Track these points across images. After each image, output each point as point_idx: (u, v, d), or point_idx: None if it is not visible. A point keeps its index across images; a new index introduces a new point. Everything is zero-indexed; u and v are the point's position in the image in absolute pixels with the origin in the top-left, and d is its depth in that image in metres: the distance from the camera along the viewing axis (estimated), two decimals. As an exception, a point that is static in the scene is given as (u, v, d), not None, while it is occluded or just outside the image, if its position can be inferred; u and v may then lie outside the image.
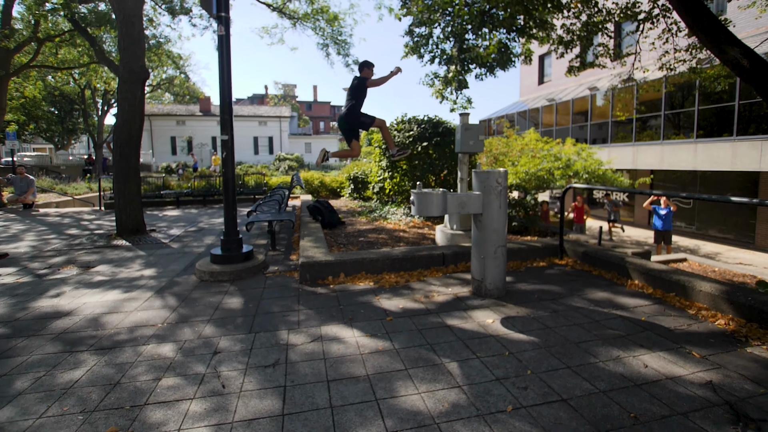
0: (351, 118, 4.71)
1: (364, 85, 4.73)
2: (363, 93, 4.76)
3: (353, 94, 4.73)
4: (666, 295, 3.20)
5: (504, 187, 3.19)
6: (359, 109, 4.73)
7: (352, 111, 4.68)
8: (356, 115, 4.71)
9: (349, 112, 4.69)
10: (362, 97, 4.79)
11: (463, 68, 7.66)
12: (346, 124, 4.80)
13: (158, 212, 9.43)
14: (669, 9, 7.79)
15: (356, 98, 4.72)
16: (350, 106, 4.69)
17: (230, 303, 3.28)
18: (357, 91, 4.72)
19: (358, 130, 4.87)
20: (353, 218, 7.53)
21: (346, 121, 4.75)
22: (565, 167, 12.60)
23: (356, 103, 4.71)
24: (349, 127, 4.82)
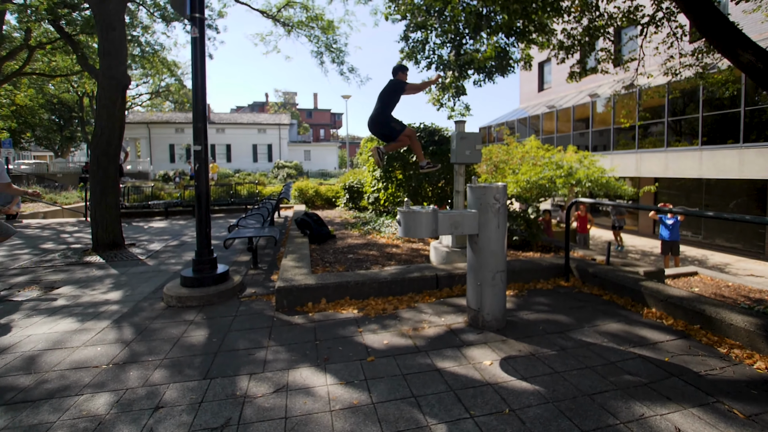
0: (380, 123, 4.44)
1: (400, 90, 4.46)
2: (396, 97, 4.50)
3: (385, 98, 4.45)
4: (690, 328, 2.80)
5: (503, 204, 2.81)
6: (390, 114, 4.47)
7: (382, 115, 4.42)
8: (386, 120, 4.43)
9: (379, 115, 4.42)
10: (394, 101, 4.52)
11: (461, 74, 7.32)
12: (374, 128, 4.53)
13: (144, 224, 9.06)
14: (673, 12, 7.48)
15: (388, 102, 4.44)
16: (380, 109, 4.42)
17: (192, 336, 2.89)
18: (390, 94, 4.45)
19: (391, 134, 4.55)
20: (345, 231, 7.15)
21: (375, 124, 4.48)
22: (567, 175, 12.25)
23: (387, 107, 4.44)
24: (379, 132, 4.57)
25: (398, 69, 4.57)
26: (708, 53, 7.49)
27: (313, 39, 11.14)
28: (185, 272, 3.86)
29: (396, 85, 4.47)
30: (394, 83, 4.48)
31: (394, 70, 4.58)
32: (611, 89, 17.17)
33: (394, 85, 4.47)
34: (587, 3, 7.56)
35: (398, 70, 4.56)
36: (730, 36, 4.70)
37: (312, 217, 6.14)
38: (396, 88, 4.46)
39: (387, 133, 4.54)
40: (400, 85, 4.48)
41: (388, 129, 4.47)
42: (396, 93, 4.48)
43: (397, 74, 4.55)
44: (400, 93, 4.52)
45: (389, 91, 4.47)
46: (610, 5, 7.62)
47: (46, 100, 24.79)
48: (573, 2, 7.70)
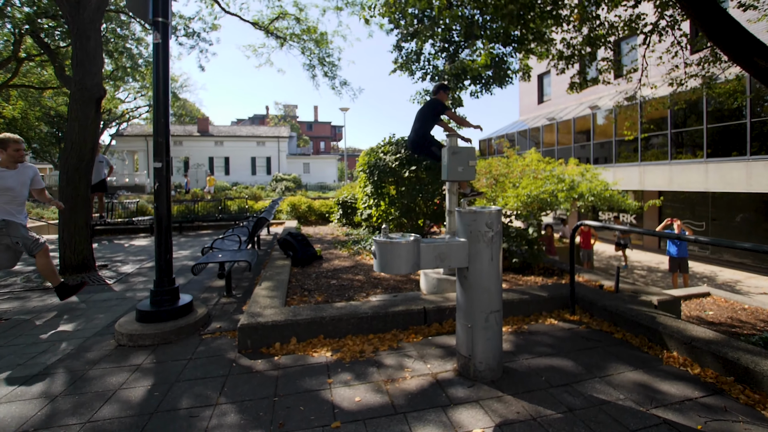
0: (420, 146, 4.31)
1: (439, 110, 4.28)
2: (436, 118, 4.31)
3: (424, 118, 4.28)
4: (722, 380, 2.35)
5: (497, 231, 2.39)
6: (430, 136, 4.30)
7: (422, 138, 4.28)
8: (426, 143, 4.28)
9: (419, 138, 4.28)
10: (433, 122, 4.33)
11: (456, 84, 6.98)
12: (414, 150, 4.44)
13: (126, 241, 8.65)
14: (677, 21, 7.17)
15: (426, 123, 4.26)
16: (419, 131, 4.25)
17: (132, 389, 2.44)
18: (429, 115, 4.27)
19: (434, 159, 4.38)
20: (334, 251, 6.72)
21: (415, 147, 4.37)
22: (570, 189, 11.83)
23: (426, 128, 4.27)
24: (420, 153, 4.47)
25: (439, 88, 4.38)
26: (714, 62, 7.15)
27: (306, 51, 10.89)
28: (142, 305, 3.43)
29: (435, 105, 4.27)
30: (434, 103, 4.28)
31: (434, 89, 4.40)
32: (612, 101, 16.87)
33: (434, 105, 4.27)
34: (587, 11, 7.26)
35: (439, 89, 4.38)
36: (745, 44, 4.34)
37: (297, 237, 5.72)
38: (435, 109, 4.26)
39: (427, 156, 4.40)
40: (439, 105, 4.28)
41: (429, 153, 4.30)
42: (435, 113, 4.29)
43: (438, 93, 4.37)
44: (440, 113, 4.31)
45: (428, 111, 4.29)
46: (611, 14, 7.33)
47: (43, 113, 24.62)
48: (572, 11, 7.41)
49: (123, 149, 32.08)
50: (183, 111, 28.70)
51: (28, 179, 4.05)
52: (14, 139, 3.93)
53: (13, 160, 3.91)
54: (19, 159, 3.95)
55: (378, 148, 7.23)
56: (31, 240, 3.82)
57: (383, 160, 6.77)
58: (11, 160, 3.90)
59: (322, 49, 10.62)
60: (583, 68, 8.09)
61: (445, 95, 4.42)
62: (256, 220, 5.10)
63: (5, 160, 3.88)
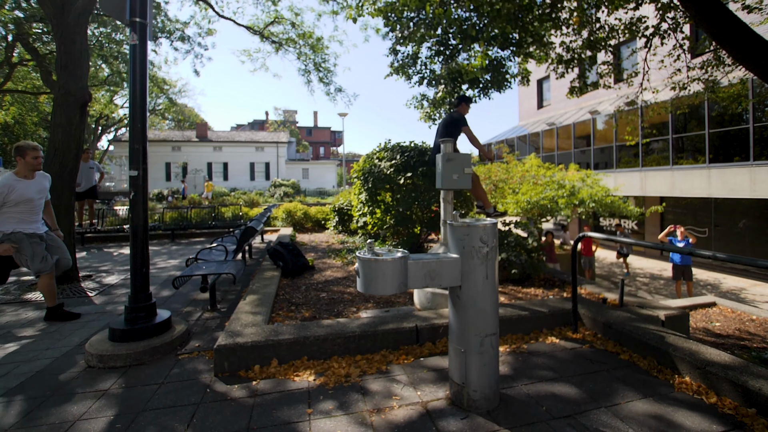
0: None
1: (460, 124, 4.16)
2: (457, 132, 4.19)
3: (446, 132, 4.14)
4: (742, 412, 2.12)
5: (493, 246, 2.19)
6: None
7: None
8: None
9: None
10: (455, 135, 4.19)
11: (453, 88, 6.80)
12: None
13: (116, 249, 8.44)
14: (679, 23, 7.00)
15: (448, 137, 4.09)
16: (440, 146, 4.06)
17: (91, 422, 2.22)
18: (451, 128, 4.15)
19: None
20: (327, 260, 6.51)
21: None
22: (570, 195, 11.65)
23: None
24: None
25: (461, 99, 4.28)
26: (718, 66, 6.97)
27: (302, 57, 10.74)
28: (115, 322, 3.21)
29: (456, 118, 4.15)
30: (456, 117, 4.17)
31: (456, 101, 4.30)
32: (612, 105, 16.74)
33: (455, 118, 4.16)
34: (586, 14, 7.11)
35: (461, 101, 4.27)
36: (753, 43, 4.16)
37: (287, 246, 5.51)
38: (456, 122, 4.14)
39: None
40: (460, 119, 4.17)
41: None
42: (456, 127, 4.16)
43: (460, 105, 4.27)
44: (461, 127, 4.19)
45: (448, 125, 4.17)
46: (612, 17, 7.17)
47: (41, 118, 24.51)
48: (571, 14, 7.26)
49: (121, 155, 31.96)
50: (181, 116, 28.59)
51: (46, 188, 3.93)
52: (32, 146, 3.74)
53: (31, 169, 3.74)
54: (37, 167, 3.78)
55: (373, 154, 7.04)
56: (38, 261, 3.67)
57: (378, 166, 6.58)
58: (29, 168, 3.73)
59: (317, 54, 10.49)
60: (582, 72, 7.92)
61: (466, 107, 4.34)
62: (243, 231, 4.89)
63: (23, 168, 3.71)
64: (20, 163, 3.70)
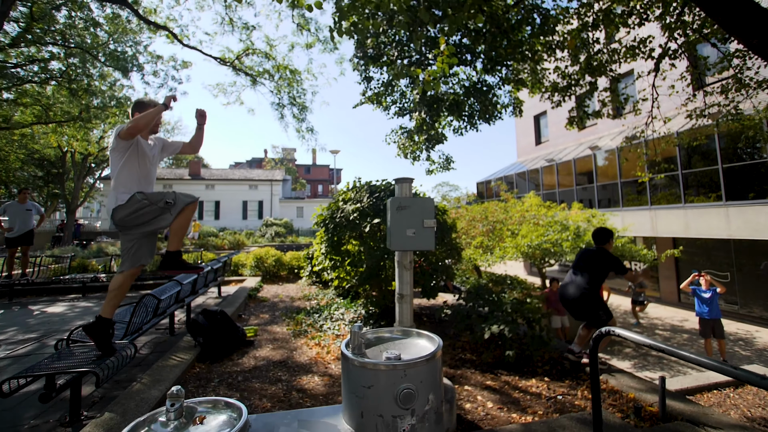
0: (584, 303, 3.58)
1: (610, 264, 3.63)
2: (605, 273, 3.63)
3: (596, 270, 3.62)
4: None
5: (429, 410, 0.94)
6: (599, 294, 3.57)
7: (592, 294, 3.56)
8: (595, 302, 3.57)
9: (588, 293, 3.55)
10: (604, 276, 3.63)
11: (431, 115, 5.79)
12: (573, 304, 3.67)
13: (43, 306, 7.15)
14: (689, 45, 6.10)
15: (599, 277, 3.59)
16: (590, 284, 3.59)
17: None
18: (603, 267, 3.63)
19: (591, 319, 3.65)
20: (276, 327, 5.21)
21: (577, 302, 3.62)
22: (575, 237, 10.43)
23: (597, 283, 3.59)
24: (577, 311, 3.70)
25: (609, 235, 3.80)
26: (740, 89, 5.97)
27: (277, 90, 9.96)
28: None
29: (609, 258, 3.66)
30: (608, 256, 3.66)
31: (602, 236, 3.83)
32: (613, 140, 15.89)
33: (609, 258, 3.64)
34: (581, 35, 6.23)
35: (609, 236, 3.79)
36: None
37: (213, 316, 4.24)
38: (610, 264, 3.63)
39: (586, 316, 3.63)
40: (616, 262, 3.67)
41: (591, 314, 3.56)
42: (608, 268, 3.63)
43: (608, 241, 3.80)
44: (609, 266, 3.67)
45: (602, 263, 3.63)
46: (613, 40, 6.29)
47: (27, 155, 23.88)
48: (564, 38, 6.38)
49: (110, 193, 31.24)
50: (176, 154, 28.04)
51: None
52: (153, 103, 2.82)
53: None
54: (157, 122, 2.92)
55: (339, 195, 5.93)
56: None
57: (342, 210, 5.43)
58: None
59: (293, 87, 9.70)
60: (582, 101, 6.96)
61: (611, 243, 3.84)
62: (139, 300, 3.65)
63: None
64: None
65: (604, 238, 3.84)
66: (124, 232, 2.68)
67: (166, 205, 2.60)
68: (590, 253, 3.78)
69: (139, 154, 2.64)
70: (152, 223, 2.63)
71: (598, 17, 5.73)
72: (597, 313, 3.56)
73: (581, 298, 3.56)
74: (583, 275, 3.61)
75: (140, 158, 2.65)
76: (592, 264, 3.65)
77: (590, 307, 3.56)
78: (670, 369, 7.97)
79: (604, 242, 3.82)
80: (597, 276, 3.60)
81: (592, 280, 3.57)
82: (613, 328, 2.01)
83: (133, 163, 2.60)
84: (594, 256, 3.73)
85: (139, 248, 2.70)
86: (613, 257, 3.71)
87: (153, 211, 2.58)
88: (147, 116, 2.47)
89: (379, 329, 1.56)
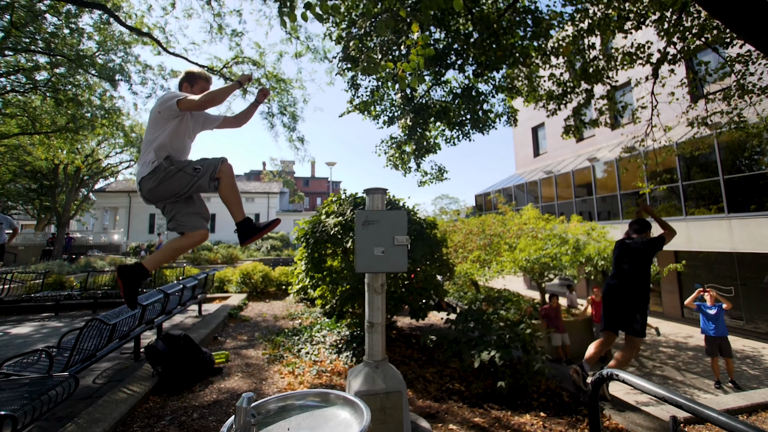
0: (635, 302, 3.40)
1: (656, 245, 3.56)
2: (653, 257, 3.53)
3: (645, 262, 3.50)
4: None
5: None
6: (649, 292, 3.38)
7: (644, 291, 3.44)
8: (646, 302, 3.44)
9: (640, 288, 3.43)
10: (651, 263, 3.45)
11: (418, 122, 5.48)
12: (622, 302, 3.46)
13: (9, 327, 6.73)
14: (689, 51, 5.84)
15: (649, 265, 3.44)
16: (641, 279, 3.46)
17: None
18: (651, 253, 3.52)
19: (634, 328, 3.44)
20: (251, 351, 4.81)
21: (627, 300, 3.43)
22: (575, 251, 10.06)
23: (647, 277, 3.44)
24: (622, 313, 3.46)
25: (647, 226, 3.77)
26: (743, 95, 5.68)
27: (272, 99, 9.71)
28: None
29: (655, 242, 3.57)
30: (652, 240, 3.58)
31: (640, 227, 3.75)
32: (611, 152, 15.64)
33: (654, 242, 3.56)
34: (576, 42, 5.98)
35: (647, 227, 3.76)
36: None
37: (176, 341, 3.84)
38: (656, 246, 3.57)
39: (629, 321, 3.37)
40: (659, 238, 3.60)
41: (638, 317, 3.37)
42: (655, 251, 3.59)
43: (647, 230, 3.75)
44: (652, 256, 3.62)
45: (651, 249, 3.53)
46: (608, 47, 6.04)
47: (19, 167, 23.55)
48: (559, 44, 6.13)
49: (104, 206, 30.93)
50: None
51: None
52: (206, 76, 2.68)
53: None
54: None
55: (322, 208, 5.60)
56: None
57: (323, 223, 5.08)
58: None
59: (283, 96, 9.45)
60: (578, 109, 6.68)
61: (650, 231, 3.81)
62: (85, 325, 3.25)
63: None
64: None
65: (645, 227, 3.83)
66: (158, 206, 2.44)
67: (195, 172, 2.33)
68: (636, 245, 3.63)
69: (181, 126, 2.41)
70: (184, 193, 2.35)
71: (593, 22, 5.48)
72: (644, 317, 3.44)
73: (633, 295, 3.43)
74: (636, 267, 3.51)
75: (181, 130, 2.42)
76: (642, 254, 3.54)
77: (642, 304, 3.43)
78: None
79: (644, 231, 3.80)
80: (649, 266, 3.55)
81: (646, 272, 3.50)
82: (617, 372, 1.65)
83: (171, 134, 2.36)
84: (641, 245, 3.63)
85: (178, 212, 2.42)
86: (653, 238, 3.66)
87: (182, 178, 2.31)
88: (222, 92, 2.27)
89: (288, 395, 1.21)
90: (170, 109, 2.29)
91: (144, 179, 2.30)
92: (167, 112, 2.31)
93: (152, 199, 2.38)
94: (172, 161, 2.33)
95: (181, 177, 2.30)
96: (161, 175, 2.28)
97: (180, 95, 2.30)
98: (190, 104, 2.26)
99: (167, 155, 2.33)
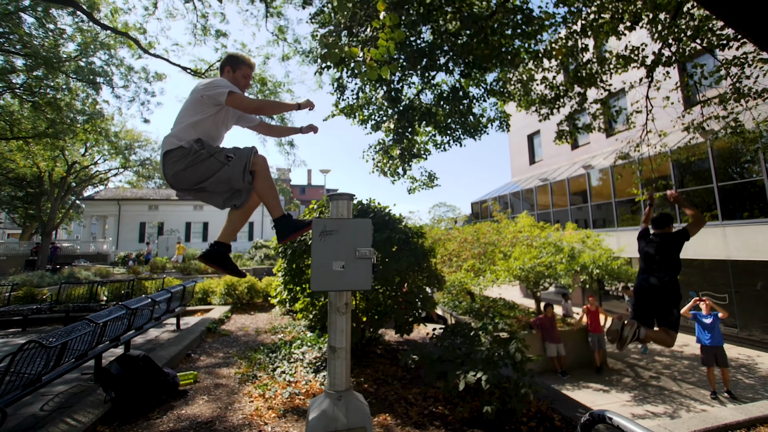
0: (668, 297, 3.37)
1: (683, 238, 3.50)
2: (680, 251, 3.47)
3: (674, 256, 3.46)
4: None
5: None
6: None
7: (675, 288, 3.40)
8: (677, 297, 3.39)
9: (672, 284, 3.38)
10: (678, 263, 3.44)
11: (404, 125, 5.21)
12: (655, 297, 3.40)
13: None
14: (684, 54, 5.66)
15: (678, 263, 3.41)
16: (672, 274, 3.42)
17: None
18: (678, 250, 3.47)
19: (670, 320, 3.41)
20: (224, 370, 4.47)
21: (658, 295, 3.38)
22: (570, 259, 9.81)
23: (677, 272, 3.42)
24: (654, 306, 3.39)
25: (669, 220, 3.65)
26: (739, 98, 5.49)
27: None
28: None
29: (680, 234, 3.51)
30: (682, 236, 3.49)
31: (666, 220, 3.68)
32: (606, 159, 15.51)
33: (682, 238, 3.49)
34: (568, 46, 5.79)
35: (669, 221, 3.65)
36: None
37: (134, 362, 3.51)
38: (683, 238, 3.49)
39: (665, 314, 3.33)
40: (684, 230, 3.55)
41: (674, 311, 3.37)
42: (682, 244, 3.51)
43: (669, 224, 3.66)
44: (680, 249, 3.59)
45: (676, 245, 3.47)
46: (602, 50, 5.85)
47: (2, 174, 22.99)
48: (552, 46, 5.94)
49: (92, 214, 30.41)
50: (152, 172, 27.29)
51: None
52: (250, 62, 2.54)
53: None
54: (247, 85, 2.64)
55: (305, 214, 5.31)
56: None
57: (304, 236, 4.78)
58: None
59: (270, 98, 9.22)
60: (572, 114, 6.47)
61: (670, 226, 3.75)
62: (13, 354, 2.90)
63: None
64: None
65: (667, 222, 3.76)
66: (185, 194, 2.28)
67: (226, 160, 2.18)
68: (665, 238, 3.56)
69: (220, 114, 2.28)
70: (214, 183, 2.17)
71: (586, 23, 5.29)
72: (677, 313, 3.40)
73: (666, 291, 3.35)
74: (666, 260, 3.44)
75: (219, 118, 2.29)
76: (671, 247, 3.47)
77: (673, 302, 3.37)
78: (672, 402, 7.32)
79: (666, 226, 3.73)
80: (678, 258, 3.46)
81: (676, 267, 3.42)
82: (610, 414, 1.37)
83: (207, 122, 2.21)
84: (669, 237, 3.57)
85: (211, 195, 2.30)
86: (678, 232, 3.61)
87: (212, 164, 2.13)
88: (277, 107, 2.32)
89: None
90: (215, 98, 2.14)
91: (169, 157, 2.10)
92: (212, 100, 2.16)
93: (177, 185, 2.19)
94: (204, 145, 2.15)
95: (212, 163, 2.13)
96: (190, 158, 2.09)
97: (233, 89, 2.16)
98: (239, 104, 2.13)
99: (198, 138, 2.15)
